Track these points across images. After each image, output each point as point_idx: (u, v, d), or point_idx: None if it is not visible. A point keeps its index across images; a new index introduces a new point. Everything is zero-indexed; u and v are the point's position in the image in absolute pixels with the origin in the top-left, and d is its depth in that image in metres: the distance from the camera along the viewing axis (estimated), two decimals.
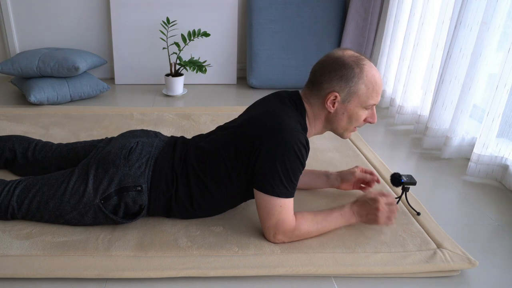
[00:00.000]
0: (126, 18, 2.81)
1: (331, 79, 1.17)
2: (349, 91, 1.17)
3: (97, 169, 1.24)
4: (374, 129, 2.22)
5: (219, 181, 1.22)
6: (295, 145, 1.11)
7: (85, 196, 1.21)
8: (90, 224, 1.25)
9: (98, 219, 1.23)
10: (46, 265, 1.09)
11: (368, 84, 1.16)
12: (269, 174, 1.13)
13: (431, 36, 2.10)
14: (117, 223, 1.24)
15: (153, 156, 1.28)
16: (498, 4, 1.61)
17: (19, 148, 1.51)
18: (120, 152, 1.26)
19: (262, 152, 1.13)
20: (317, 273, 1.12)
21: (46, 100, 2.34)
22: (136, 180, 1.22)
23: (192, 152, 1.27)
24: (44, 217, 1.24)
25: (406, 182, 1.31)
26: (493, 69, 1.80)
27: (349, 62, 1.16)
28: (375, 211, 1.21)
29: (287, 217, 1.16)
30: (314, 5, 2.84)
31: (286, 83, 2.91)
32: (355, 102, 1.18)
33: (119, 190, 1.21)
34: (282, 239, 1.19)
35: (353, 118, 1.21)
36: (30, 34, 2.86)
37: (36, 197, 1.23)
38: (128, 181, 1.21)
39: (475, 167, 1.72)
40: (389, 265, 1.15)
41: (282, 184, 1.13)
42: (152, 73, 2.94)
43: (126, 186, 1.21)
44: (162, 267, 1.10)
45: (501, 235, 1.34)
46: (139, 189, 1.22)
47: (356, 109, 1.19)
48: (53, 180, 1.25)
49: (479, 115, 1.96)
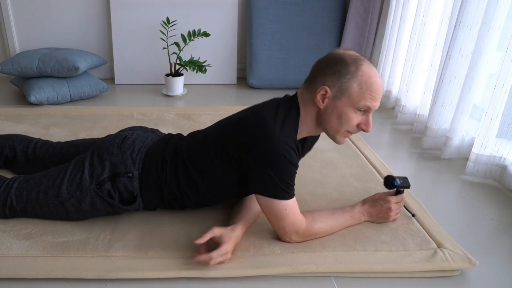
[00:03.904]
0: (126, 18, 2.81)
1: (325, 73, 1.12)
2: (340, 87, 1.10)
3: (92, 156, 1.28)
4: (374, 128, 2.22)
5: (205, 174, 1.23)
6: (284, 152, 1.09)
7: (81, 182, 1.24)
8: (89, 212, 1.25)
9: (96, 205, 1.24)
10: (46, 266, 1.09)
11: (362, 84, 1.09)
12: (265, 180, 1.12)
13: (432, 35, 2.10)
14: (115, 208, 1.25)
15: (146, 146, 1.31)
16: (499, 4, 1.61)
17: (20, 146, 1.52)
18: (113, 141, 1.31)
19: (252, 158, 1.12)
20: (317, 271, 1.12)
21: (46, 100, 2.34)
22: (127, 167, 1.25)
23: (184, 144, 1.29)
24: (43, 208, 1.25)
25: (400, 185, 1.32)
26: (494, 69, 1.80)
27: (347, 59, 1.11)
28: (387, 211, 1.30)
29: (296, 218, 1.17)
30: (314, 5, 2.84)
31: (286, 83, 2.91)
32: (346, 100, 1.11)
33: (112, 176, 1.24)
34: (295, 239, 1.20)
35: (343, 119, 1.13)
36: (30, 34, 2.86)
37: (35, 188, 1.25)
38: (120, 167, 1.25)
39: (474, 166, 1.72)
40: (389, 263, 1.15)
41: (280, 188, 1.12)
42: (152, 73, 2.94)
43: (119, 172, 1.24)
44: (162, 268, 1.10)
45: (501, 235, 1.35)
46: (130, 175, 1.24)
47: (346, 109, 1.11)
48: (51, 172, 1.29)
49: (479, 115, 1.96)
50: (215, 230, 1.12)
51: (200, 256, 1.08)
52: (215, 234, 1.11)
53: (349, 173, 1.68)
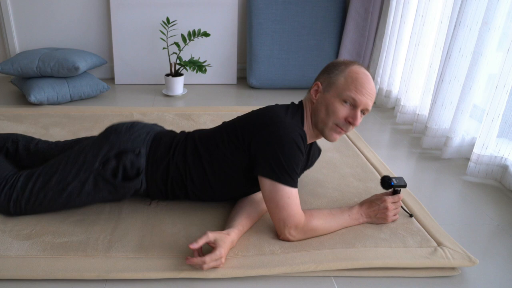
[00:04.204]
0: (126, 18, 2.81)
1: (320, 73, 1.28)
2: (329, 82, 1.23)
3: (98, 138, 1.32)
4: (375, 128, 2.22)
5: (213, 154, 1.26)
6: (294, 136, 1.16)
7: (85, 163, 1.26)
8: (91, 195, 1.26)
9: (98, 187, 1.25)
10: (46, 267, 1.09)
11: (348, 78, 1.20)
12: (273, 163, 1.15)
13: (432, 35, 2.10)
14: (117, 188, 1.26)
15: (155, 131, 1.37)
16: (499, 4, 1.61)
17: (22, 140, 1.55)
18: (122, 125, 1.35)
19: (262, 140, 1.18)
20: (317, 270, 1.12)
21: (46, 100, 2.34)
22: (135, 144, 1.29)
23: (197, 132, 1.36)
24: (47, 195, 1.25)
25: (396, 184, 1.32)
26: (493, 69, 1.80)
27: (340, 61, 1.25)
28: (384, 210, 1.31)
29: (297, 211, 1.18)
30: (314, 5, 2.84)
31: (286, 83, 2.91)
32: (333, 92, 1.21)
33: (118, 153, 1.27)
34: (294, 234, 1.20)
35: (330, 109, 1.21)
36: (30, 34, 2.86)
37: (40, 177, 1.26)
38: (128, 146, 1.28)
39: (475, 167, 1.72)
40: (389, 259, 1.15)
41: (286, 172, 1.15)
42: (152, 73, 2.94)
43: (125, 150, 1.27)
44: (162, 268, 1.10)
45: (501, 235, 1.34)
46: (137, 152, 1.28)
47: (333, 99, 1.21)
48: (55, 161, 1.31)
49: (479, 115, 1.96)
50: (209, 235, 1.10)
51: (193, 259, 1.07)
52: (210, 239, 1.10)
53: (349, 173, 1.68)
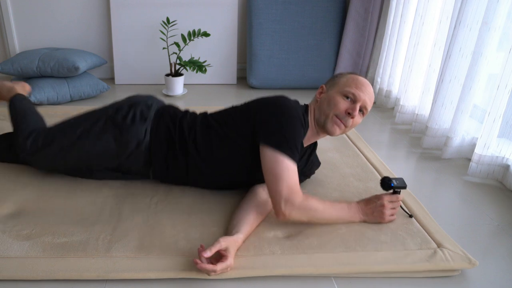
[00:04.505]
0: (126, 18, 2.81)
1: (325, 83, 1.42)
2: (332, 83, 1.37)
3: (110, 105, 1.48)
4: (375, 128, 2.22)
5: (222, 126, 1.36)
6: (297, 114, 1.26)
7: (99, 112, 1.44)
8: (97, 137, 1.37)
9: (106, 130, 1.38)
10: (46, 267, 1.09)
11: (350, 78, 1.34)
12: (275, 131, 1.23)
13: (431, 35, 2.10)
14: (122, 133, 1.37)
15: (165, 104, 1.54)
16: (499, 4, 1.61)
17: None
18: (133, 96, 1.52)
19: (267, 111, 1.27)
20: (317, 273, 1.12)
21: (46, 100, 2.34)
22: (149, 101, 1.47)
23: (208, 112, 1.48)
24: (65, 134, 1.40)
25: (396, 186, 1.33)
26: (494, 69, 1.80)
27: (344, 72, 1.40)
28: (381, 208, 1.31)
29: (295, 184, 1.20)
30: (314, 5, 2.84)
31: (286, 83, 2.91)
32: (335, 89, 1.34)
33: (131, 104, 1.43)
34: (290, 209, 1.19)
35: (331, 103, 1.31)
36: (30, 34, 2.86)
37: (63, 123, 1.45)
38: (140, 101, 1.46)
39: (476, 167, 1.72)
40: (389, 264, 1.15)
41: (286, 143, 1.21)
42: (152, 73, 2.94)
43: (139, 102, 1.45)
44: (162, 268, 1.10)
45: (502, 235, 1.34)
46: (149, 104, 1.45)
47: (334, 94, 1.32)
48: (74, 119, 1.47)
49: (479, 115, 1.96)
50: (222, 243, 1.09)
51: (205, 266, 1.04)
52: (222, 247, 1.09)
53: (349, 173, 1.68)
